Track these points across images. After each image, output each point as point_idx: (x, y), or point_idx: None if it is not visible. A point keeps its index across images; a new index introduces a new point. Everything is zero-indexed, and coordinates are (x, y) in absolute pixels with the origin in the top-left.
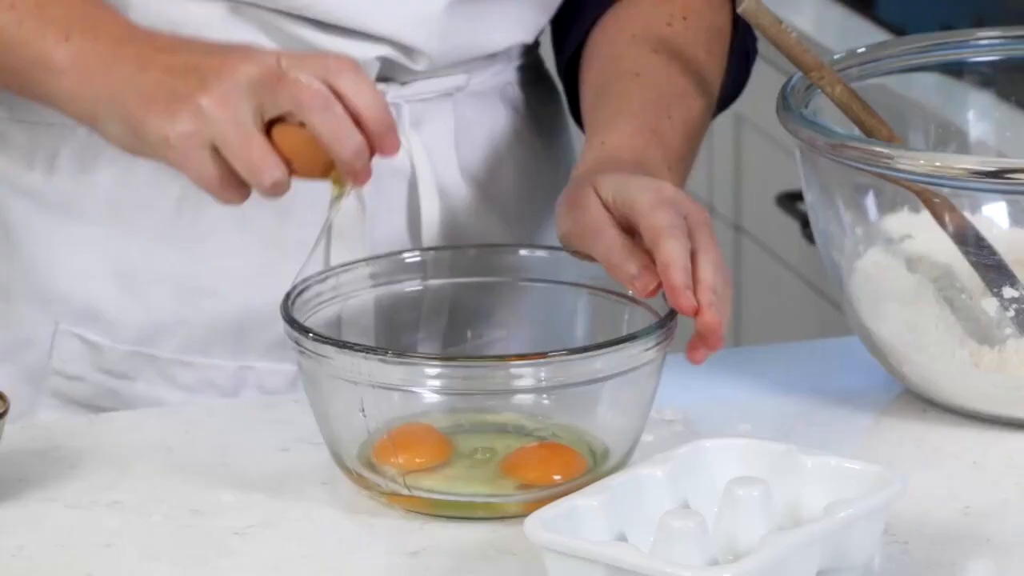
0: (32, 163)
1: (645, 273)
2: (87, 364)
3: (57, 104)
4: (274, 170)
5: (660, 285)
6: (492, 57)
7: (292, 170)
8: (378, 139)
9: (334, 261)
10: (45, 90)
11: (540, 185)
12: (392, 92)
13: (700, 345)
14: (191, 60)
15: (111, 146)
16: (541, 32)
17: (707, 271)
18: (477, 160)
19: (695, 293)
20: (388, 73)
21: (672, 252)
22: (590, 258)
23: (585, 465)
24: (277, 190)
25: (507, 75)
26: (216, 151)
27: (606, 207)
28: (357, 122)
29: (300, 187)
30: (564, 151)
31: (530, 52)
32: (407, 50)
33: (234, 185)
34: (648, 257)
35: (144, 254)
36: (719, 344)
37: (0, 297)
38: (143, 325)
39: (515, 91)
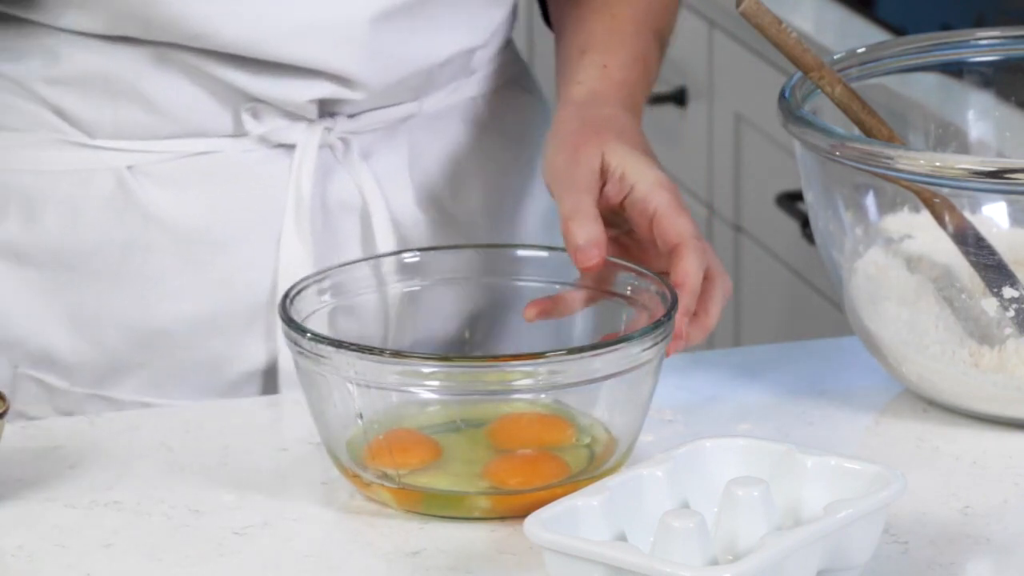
0: None
1: (591, 249)
2: (47, 406)
3: None
4: None
5: (597, 264)
6: (441, 78)
7: None
8: None
9: None
10: None
11: (509, 197)
12: (340, 127)
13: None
14: None
15: (57, 193)
16: (499, 31)
17: (716, 307)
18: (436, 183)
19: (697, 321)
20: (333, 108)
21: (691, 271)
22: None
23: (567, 471)
24: None
25: (465, 91)
26: None
27: (604, 171)
28: None
29: (248, 229)
30: (540, 154)
31: (493, 60)
32: (343, 80)
33: None
34: (603, 233)
35: (96, 298)
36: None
37: None
38: (100, 368)
39: (476, 106)
